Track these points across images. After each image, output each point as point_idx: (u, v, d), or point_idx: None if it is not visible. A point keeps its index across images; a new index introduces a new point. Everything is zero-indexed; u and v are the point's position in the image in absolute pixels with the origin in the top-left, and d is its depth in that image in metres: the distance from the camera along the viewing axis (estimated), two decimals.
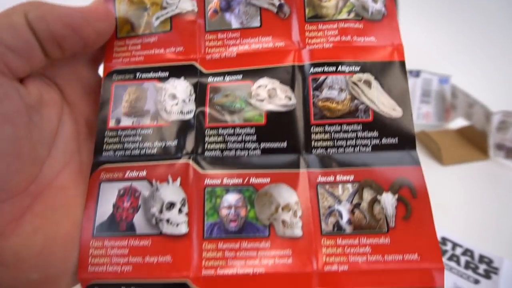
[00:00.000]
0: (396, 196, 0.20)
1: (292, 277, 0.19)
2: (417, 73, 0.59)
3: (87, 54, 0.24)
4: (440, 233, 0.41)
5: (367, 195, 0.21)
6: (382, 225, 0.20)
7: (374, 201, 0.21)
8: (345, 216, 0.20)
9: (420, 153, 0.52)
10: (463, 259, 0.39)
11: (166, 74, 0.24)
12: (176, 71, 0.24)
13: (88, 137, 0.23)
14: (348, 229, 0.20)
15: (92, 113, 0.24)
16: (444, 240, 0.41)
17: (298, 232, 0.20)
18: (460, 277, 0.37)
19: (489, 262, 0.38)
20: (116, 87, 0.24)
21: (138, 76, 0.24)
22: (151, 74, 0.24)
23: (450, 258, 0.39)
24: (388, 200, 0.20)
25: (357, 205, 0.21)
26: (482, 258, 0.39)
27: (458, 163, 0.53)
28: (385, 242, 0.20)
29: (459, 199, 0.48)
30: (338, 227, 0.20)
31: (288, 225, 0.20)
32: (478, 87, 0.58)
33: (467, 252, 0.40)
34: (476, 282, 0.36)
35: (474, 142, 0.56)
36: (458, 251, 0.40)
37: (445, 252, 0.40)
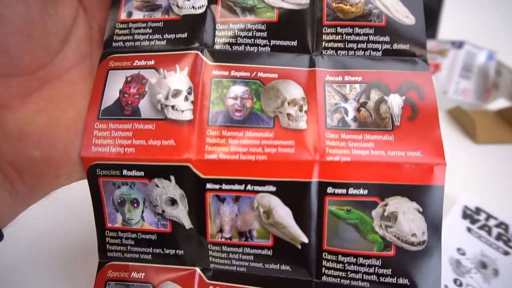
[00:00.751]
0: (404, 97, 0.20)
1: (293, 165, 0.19)
2: (460, 44, 0.55)
3: None
4: (474, 203, 0.41)
5: (374, 95, 0.21)
6: (388, 123, 0.20)
7: (381, 101, 0.20)
8: (351, 113, 0.20)
9: (453, 130, 0.52)
10: (495, 231, 0.38)
11: None
12: None
13: (101, 43, 0.23)
14: (353, 125, 0.20)
15: (106, 20, 0.24)
16: (478, 210, 0.40)
17: (302, 125, 0.20)
18: (489, 246, 0.37)
19: None
20: None
21: None
22: None
23: (481, 227, 0.39)
24: (395, 100, 0.20)
25: (364, 104, 0.20)
26: None
27: (493, 143, 0.51)
28: (389, 139, 0.20)
29: (494, 177, 0.46)
30: (343, 122, 0.20)
31: (293, 118, 0.20)
32: None
33: (501, 225, 0.39)
34: (506, 253, 0.36)
35: None
36: (492, 222, 0.39)
37: (477, 221, 0.39)
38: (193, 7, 0.23)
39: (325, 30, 0.22)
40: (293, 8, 0.22)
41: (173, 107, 0.21)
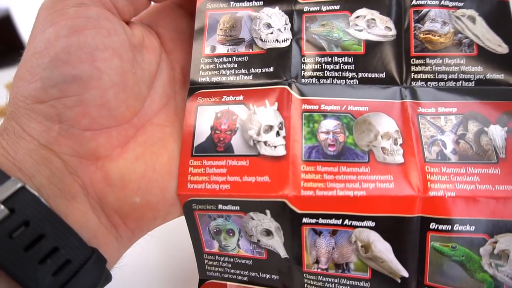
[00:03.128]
0: (506, 128, 0.20)
1: (394, 200, 0.19)
2: None
3: (187, 7, 0.25)
4: None
5: (473, 126, 0.20)
6: (491, 155, 0.19)
7: (481, 132, 0.20)
8: (450, 146, 0.20)
9: None
10: None
11: (261, 3, 0.24)
12: (270, 0, 0.24)
13: (183, 84, 0.24)
14: (453, 158, 0.20)
15: (188, 62, 0.24)
16: None
17: (399, 158, 0.20)
18: None
19: None
20: (210, 15, 0.24)
21: (232, 4, 0.24)
22: (245, 3, 0.24)
23: None
24: (497, 131, 0.20)
25: (462, 136, 0.20)
26: None
27: None
28: (495, 172, 0.19)
29: None
30: (442, 155, 0.20)
31: (388, 152, 0.20)
32: None
33: None
34: None
35: None
36: None
37: None
38: (277, 40, 0.23)
39: (413, 61, 0.22)
40: (379, 40, 0.22)
41: (265, 142, 0.21)
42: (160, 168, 0.20)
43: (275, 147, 0.20)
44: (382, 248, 0.19)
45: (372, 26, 0.22)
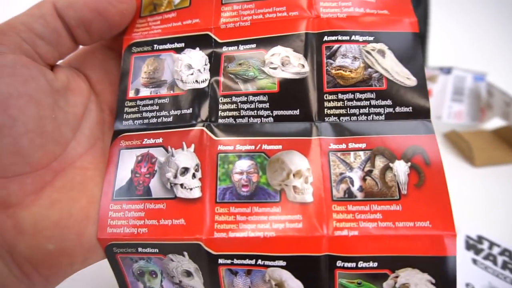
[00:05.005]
0: (409, 164, 0.20)
1: (302, 240, 0.20)
2: (448, 70, 0.57)
3: (115, 49, 0.26)
4: (475, 231, 0.40)
5: (379, 162, 0.21)
6: (394, 192, 0.20)
7: (386, 168, 0.20)
8: (357, 183, 0.20)
9: (450, 154, 0.52)
10: (500, 259, 0.37)
11: (182, 44, 0.24)
12: (192, 42, 0.24)
13: (112, 125, 0.24)
14: (359, 195, 0.20)
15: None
16: (480, 239, 0.39)
17: (309, 197, 0.20)
18: (496, 277, 0.35)
19: None
20: (135, 59, 0.25)
21: (156, 47, 0.25)
22: (168, 45, 0.25)
23: (486, 257, 0.37)
24: (401, 167, 0.20)
25: (369, 172, 0.21)
26: None
27: (491, 165, 0.50)
28: (397, 209, 0.20)
29: (494, 201, 0.45)
30: (349, 193, 0.20)
31: (299, 190, 0.20)
32: None
33: (505, 252, 0.38)
34: None
35: (510, 143, 0.52)
36: (496, 250, 0.38)
37: (481, 250, 0.38)
38: (197, 81, 0.23)
39: (326, 97, 0.22)
40: (293, 77, 0.22)
41: (182, 185, 0.21)
42: (77, 213, 0.21)
43: (191, 189, 0.21)
44: (295, 286, 0.20)
45: (286, 64, 0.23)
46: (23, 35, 0.20)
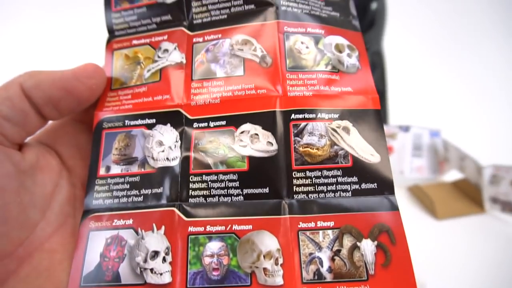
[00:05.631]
0: (376, 242, 0.21)
1: None
2: (406, 128, 0.60)
3: (86, 121, 0.26)
4: (441, 284, 0.40)
5: (347, 241, 0.21)
6: (362, 272, 0.20)
7: (354, 248, 0.21)
8: (326, 264, 0.21)
9: (414, 208, 0.54)
10: None
11: (153, 121, 0.25)
12: (163, 118, 0.25)
13: (83, 201, 0.24)
14: (328, 277, 0.20)
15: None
16: None
17: (279, 280, 0.20)
18: None
19: None
20: (106, 135, 0.25)
21: (127, 123, 0.25)
22: (139, 121, 0.25)
23: None
24: (368, 247, 0.21)
25: (338, 252, 0.21)
26: None
27: (453, 217, 0.51)
28: None
29: (455, 254, 0.46)
30: (318, 275, 0.21)
31: (269, 273, 0.21)
32: (469, 140, 0.58)
33: None
34: None
35: (469, 195, 0.55)
36: None
37: None
38: (167, 158, 0.24)
39: (294, 174, 0.23)
40: (262, 155, 0.23)
41: (152, 270, 0.21)
42: None
43: (161, 274, 0.21)
44: None
45: (255, 142, 0.23)
46: None
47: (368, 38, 0.62)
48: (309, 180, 0.22)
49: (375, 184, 0.22)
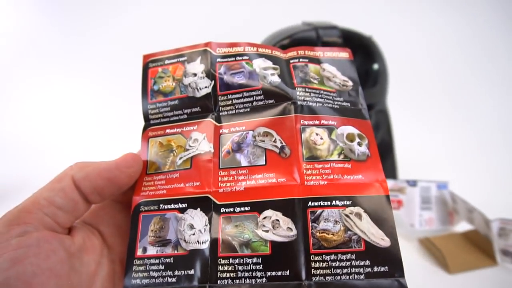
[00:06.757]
0: None
1: None
2: (413, 183, 0.62)
3: (123, 201, 0.29)
4: None
5: None
6: None
7: None
8: None
9: (426, 261, 0.54)
10: None
11: (185, 205, 0.28)
12: (194, 203, 0.28)
13: (122, 275, 0.27)
14: None
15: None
16: None
17: None
18: None
19: None
20: (143, 217, 0.28)
21: (161, 207, 0.28)
22: (172, 206, 0.28)
23: None
24: None
25: None
26: None
27: (465, 271, 0.51)
28: None
29: None
30: None
31: None
32: (477, 192, 0.59)
33: None
34: None
35: (480, 246, 0.54)
36: None
37: None
38: (198, 241, 0.26)
39: (312, 258, 0.25)
40: (283, 240, 0.26)
41: None
42: None
43: None
44: None
45: (277, 227, 0.26)
46: (45, 210, 0.24)
47: (373, 98, 0.64)
48: (326, 263, 0.25)
49: (386, 267, 0.24)
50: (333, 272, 0.25)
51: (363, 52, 0.64)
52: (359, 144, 0.28)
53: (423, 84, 0.94)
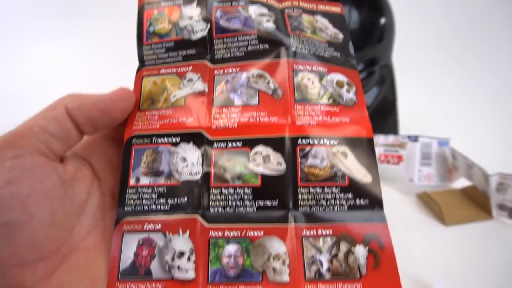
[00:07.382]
0: (367, 248, 0.25)
1: None
2: (415, 138, 0.63)
3: (115, 138, 0.30)
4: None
5: (343, 247, 0.25)
6: (356, 273, 0.25)
7: (349, 252, 0.25)
8: (325, 265, 0.25)
9: (423, 214, 0.57)
10: None
11: (178, 139, 0.29)
12: (186, 137, 0.29)
13: (112, 206, 0.28)
14: (327, 275, 0.25)
15: (117, 187, 0.28)
16: None
17: (286, 278, 0.24)
18: None
19: None
20: (135, 150, 0.29)
21: (154, 140, 0.29)
22: (165, 139, 0.29)
23: None
24: (361, 251, 0.25)
25: (335, 256, 0.25)
26: None
27: (460, 223, 0.53)
28: (358, 286, 0.24)
29: (463, 260, 0.48)
30: (319, 274, 0.25)
31: (278, 272, 0.25)
32: (477, 148, 0.61)
33: None
34: None
35: (477, 201, 0.57)
36: None
37: None
38: (191, 173, 0.28)
39: (300, 190, 0.27)
40: (273, 174, 0.27)
41: (178, 267, 0.25)
42: None
43: (186, 271, 0.25)
44: None
45: (267, 162, 0.27)
46: (39, 137, 0.24)
47: (378, 52, 0.64)
48: (312, 195, 0.27)
49: (367, 200, 0.26)
50: (318, 203, 0.27)
51: (371, 4, 0.62)
52: (348, 90, 0.30)
53: (427, 41, 0.94)
